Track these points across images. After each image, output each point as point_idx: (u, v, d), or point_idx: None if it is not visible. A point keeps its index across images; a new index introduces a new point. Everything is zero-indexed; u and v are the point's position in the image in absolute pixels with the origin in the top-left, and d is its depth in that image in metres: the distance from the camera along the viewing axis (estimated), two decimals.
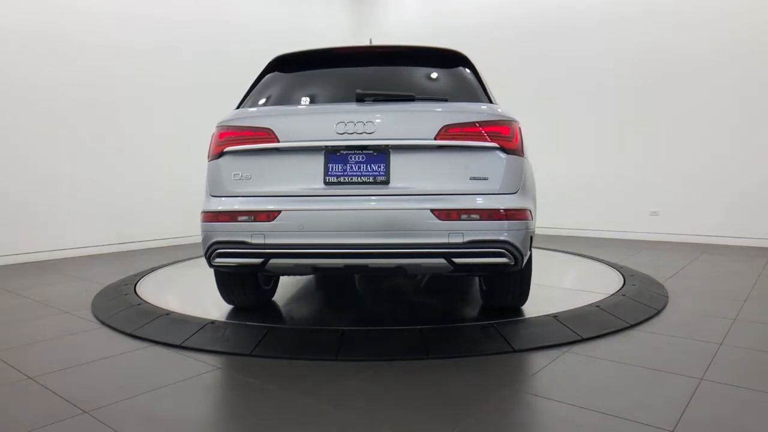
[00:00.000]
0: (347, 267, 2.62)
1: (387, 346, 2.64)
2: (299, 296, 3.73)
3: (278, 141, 2.60)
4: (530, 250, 2.70)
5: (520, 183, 2.58)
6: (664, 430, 1.78)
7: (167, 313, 3.16)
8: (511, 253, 2.48)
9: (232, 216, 2.60)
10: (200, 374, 2.34)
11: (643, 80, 6.83)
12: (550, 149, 7.54)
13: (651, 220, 6.82)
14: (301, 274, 3.09)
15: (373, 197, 2.53)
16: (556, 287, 3.95)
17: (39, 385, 2.24)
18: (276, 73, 3.06)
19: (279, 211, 2.54)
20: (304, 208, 2.54)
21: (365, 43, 3.23)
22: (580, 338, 2.72)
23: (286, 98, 2.93)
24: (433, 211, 2.45)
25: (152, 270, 4.59)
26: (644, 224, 6.87)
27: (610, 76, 7.07)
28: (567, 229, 7.40)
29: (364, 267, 2.60)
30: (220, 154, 2.71)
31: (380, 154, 2.56)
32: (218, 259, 2.64)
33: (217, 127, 2.78)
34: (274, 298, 3.61)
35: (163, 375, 2.39)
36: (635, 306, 3.28)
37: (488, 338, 2.68)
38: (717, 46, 6.30)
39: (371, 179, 2.54)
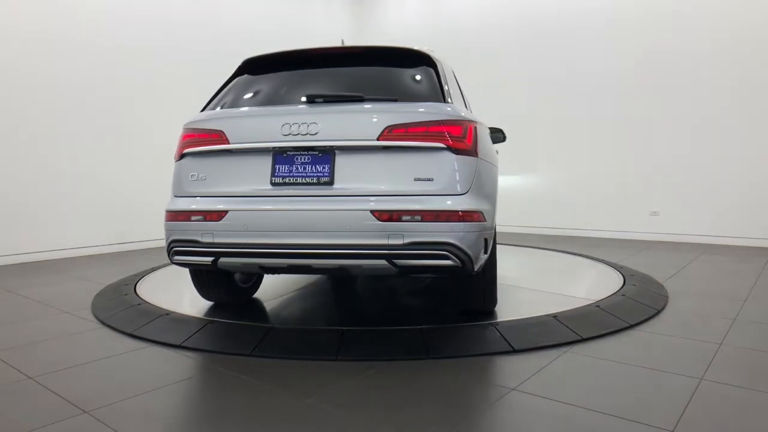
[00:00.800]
0: (291, 267, 2.66)
1: (387, 346, 2.64)
2: (299, 296, 3.73)
3: (229, 143, 2.67)
4: (486, 252, 2.60)
5: (470, 184, 2.51)
6: (664, 430, 1.78)
7: (167, 313, 3.16)
8: (456, 256, 2.42)
9: (186, 215, 2.69)
10: (200, 374, 2.34)
11: (643, 80, 6.83)
12: (550, 149, 7.55)
13: (651, 220, 6.82)
14: (253, 272, 3.12)
15: (317, 198, 2.53)
16: (556, 287, 3.94)
17: (39, 385, 2.24)
18: (245, 75, 3.11)
19: (226, 211, 2.60)
20: (250, 208, 2.59)
21: (356, 43, 3.24)
22: (580, 338, 2.72)
23: (248, 100, 2.95)
24: (373, 212, 2.44)
25: (152, 270, 4.59)
26: (644, 224, 6.87)
27: (609, 77, 7.07)
28: (567, 229, 7.40)
29: (308, 267, 2.64)
30: (182, 156, 2.83)
31: (325, 155, 2.56)
32: (176, 257, 2.73)
33: (182, 128, 2.86)
34: (274, 298, 3.61)
35: (163, 375, 2.39)
36: (635, 306, 3.28)
37: (488, 338, 2.68)
38: (717, 46, 6.30)
39: (315, 180, 2.55)
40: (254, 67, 3.11)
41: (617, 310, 3.15)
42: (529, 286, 3.93)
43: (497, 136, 4.46)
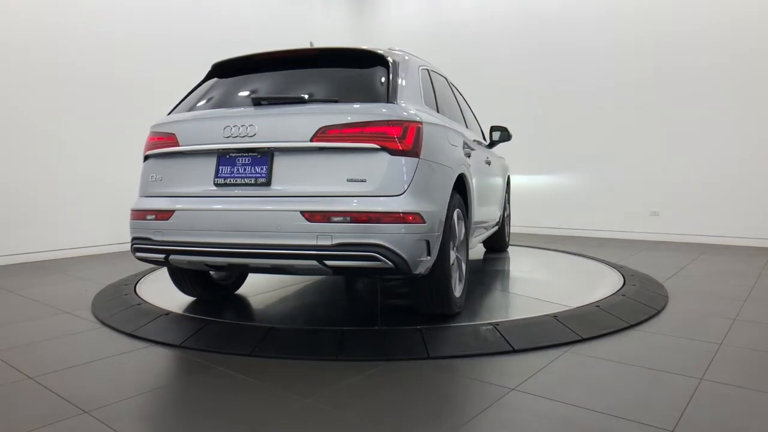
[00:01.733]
0: (231, 266, 2.75)
1: (387, 346, 2.64)
2: (299, 296, 3.73)
3: (179, 145, 2.80)
4: (430, 254, 2.56)
5: (406, 185, 2.47)
6: (664, 430, 1.78)
7: (167, 313, 3.16)
8: (387, 258, 2.39)
9: (143, 214, 2.85)
10: (200, 374, 2.35)
11: (643, 80, 6.83)
12: (550, 149, 7.55)
13: (651, 220, 6.82)
14: (203, 269, 3.15)
15: (255, 198, 2.59)
16: (556, 287, 3.95)
17: (39, 385, 2.24)
18: (214, 78, 3.20)
19: (174, 211, 2.72)
20: (195, 208, 2.69)
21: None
22: (580, 338, 2.72)
23: (205, 103, 3.02)
24: (303, 212, 2.46)
25: (152, 270, 4.58)
26: (644, 224, 6.87)
27: (610, 76, 7.07)
28: (567, 229, 7.40)
29: (246, 266, 2.72)
30: (146, 158, 2.99)
31: (264, 156, 2.61)
32: (136, 253, 2.90)
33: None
34: (273, 298, 3.61)
35: (163, 375, 2.39)
36: (635, 306, 3.28)
37: (488, 338, 2.68)
38: (717, 46, 6.30)
39: (253, 181, 2.60)
40: (222, 70, 3.20)
41: (617, 310, 3.15)
42: (528, 286, 3.93)
43: (502, 134, 4.52)
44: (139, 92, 6.33)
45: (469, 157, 3.35)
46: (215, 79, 3.19)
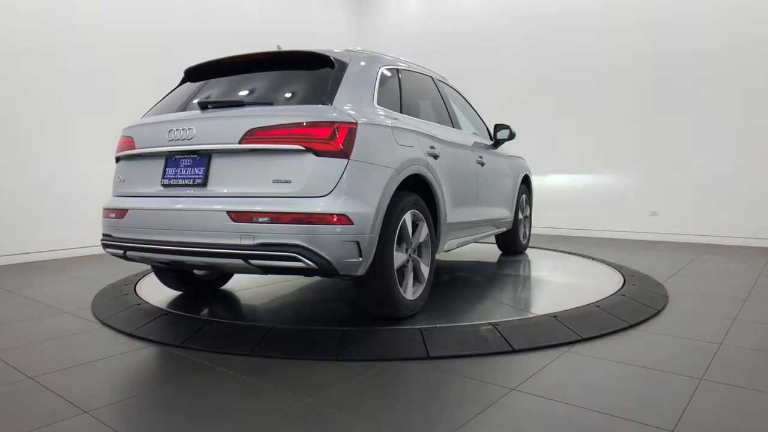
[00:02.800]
0: (171, 262, 2.89)
1: (387, 346, 2.63)
2: (299, 296, 3.73)
3: (135, 148, 2.99)
4: (362, 256, 2.55)
5: (332, 186, 2.49)
6: (664, 430, 1.78)
7: (167, 313, 3.16)
8: (309, 258, 2.42)
9: (108, 213, 3.05)
10: (200, 374, 2.35)
11: (643, 80, 6.83)
12: (550, 149, 7.55)
13: (651, 220, 6.82)
14: (157, 264, 3.24)
15: (192, 198, 2.70)
16: (556, 287, 3.95)
17: (39, 385, 2.24)
18: (187, 83, 3.33)
19: (127, 210, 2.91)
20: (143, 207, 2.86)
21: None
22: (580, 338, 2.72)
23: (165, 107, 3.15)
24: (229, 213, 2.53)
25: (152, 270, 4.58)
26: (644, 224, 6.87)
27: (609, 76, 7.08)
28: (567, 229, 7.40)
29: (183, 263, 2.83)
30: (117, 159, 3.17)
31: (202, 158, 2.72)
32: (105, 248, 3.07)
33: None
34: (276, 298, 3.61)
35: (163, 375, 2.39)
36: (635, 306, 3.28)
37: (488, 338, 2.68)
38: (718, 46, 6.30)
39: (192, 182, 2.72)
40: (192, 75, 3.33)
41: (617, 310, 3.15)
42: (528, 287, 3.93)
43: (504, 132, 4.46)
44: (139, 93, 6.33)
45: (435, 158, 3.23)
46: (187, 84, 3.33)
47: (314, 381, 2.28)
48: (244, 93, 2.96)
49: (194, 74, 3.33)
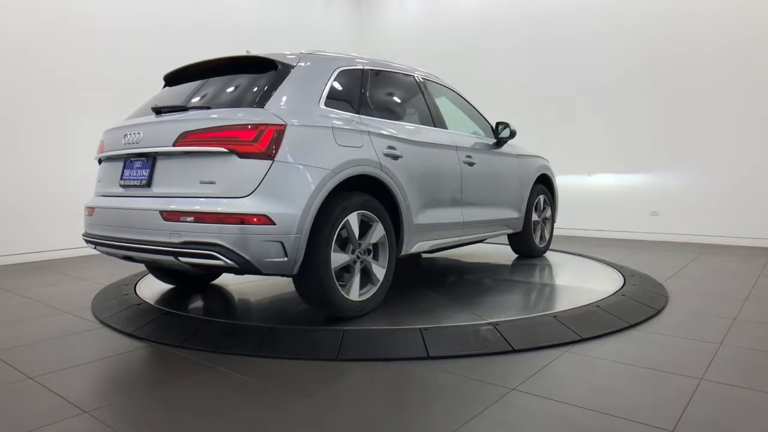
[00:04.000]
0: (125, 257, 3.05)
1: (387, 346, 2.63)
2: (299, 296, 3.72)
3: (103, 151, 3.24)
4: (287, 256, 2.59)
5: (254, 187, 2.56)
6: (664, 430, 1.78)
7: (167, 313, 3.16)
8: (227, 257, 2.50)
9: (85, 210, 3.27)
10: (200, 374, 2.35)
11: (643, 79, 6.83)
12: (550, 149, 7.54)
13: (651, 220, 6.82)
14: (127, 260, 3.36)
15: (138, 198, 2.88)
16: (556, 287, 3.94)
17: (39, 385, 2.24)
18: (167, 87, 3.48)
19: (94, 208, 3.14)
20: (104, 205, 3.08)
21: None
22: (580, 338, 2.72)
23: (143, 112, 3.25)
24: (161, 212, 2.67)
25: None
26: (644, 224, 6.87)
27: (609, 76, 7.08)
28: (567, 229, 7.40)
29: (132, 258, 3.00)
30: (99, 161, 3.40)
31: (148, 161, 2.89)
32: (86, 243, 3.26)
33: None
34: (276, 298, 3.61)
35: (162, 375, 2.39)
36: (635, 306, 3.28)
37: (488, 338, 2.68)
38: (718, 45, 6.30)
39: (139, 183, 2.90)
40: (169, 80, 3.49)
41: (617, 310, 3.15)
42: (529, 286, 3.93)
43: (504, 131, 4.39)
44: (139, 93, 6.32)
45: (396, 158, 3.20)
46: (166, 88, 3.47)
47: (314, 381, 2.28)
48: (197, 98, 3.06)
49: (171, 80, 3.46)
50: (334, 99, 3.08)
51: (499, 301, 3.43)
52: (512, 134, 4.42)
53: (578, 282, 4.17)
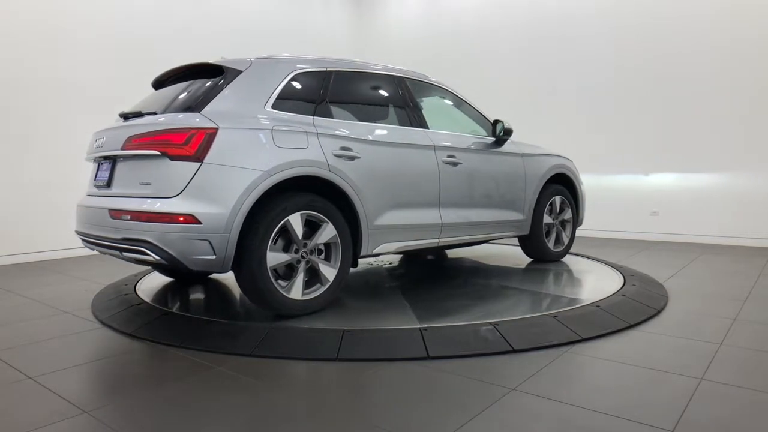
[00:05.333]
0: (98, 251, 3.22)
1: (387, 346, 2.63)
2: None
3: (87, 154, 3.44)
4: (215, 254, 2.69)
5: (181, 188, 2.69)
6: (664, 430, 1.78)
7: (167, 313, 3.16)
8: (156, 253, 2.67)
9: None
10: (200, 374, 2.35)
11: (642, 79, 6.83)
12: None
13: (651, 220, 6.82)
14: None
15: (101, 197, 3.12)
16: (556, 287, 3.94)
17: (39, 385, 2.24)
18: (153, 92, 3.62)
19: (78, 206, 3.32)
20: (81, 204, 3.29)
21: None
22: (580, 338, 2.72)
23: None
24: (109, 210, 2.89)
25: (152, 270, 4.58)
26: (644, 224, 6.87)
27: (610, 76, 7.07)
28: None
29: (101, 252, 3.16)
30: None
31: (111, 163, 3.12)
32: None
33: None
34: None
35: (162, 375, 2.39)
36: (635, 306, 3.28)
37: (489, 338, 2.68)
38: (719, 46, 6.30)
39: (103, 183, 3.15)
40: (154, 85, 3.68)
41: (617, 310, 3.15)
42: (528, 286, 3.93)
43: (499, 128, 4.24)
44: (139, 93, 6.33)
45: (351, 159, 3.20)
46: (152, 93, 3.62)
47: (314, 381, 2.28)
48: (159, 103, 3.21)
49: (156, 85, 3.66)
50: (286, 101, 3.14)
51: (500, 301, 3.43)
52: (507, 132, 4.23)
53: (578, 282, 4.17)
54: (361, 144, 3.31)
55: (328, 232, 3.11)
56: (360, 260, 3.47)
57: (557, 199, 4.80)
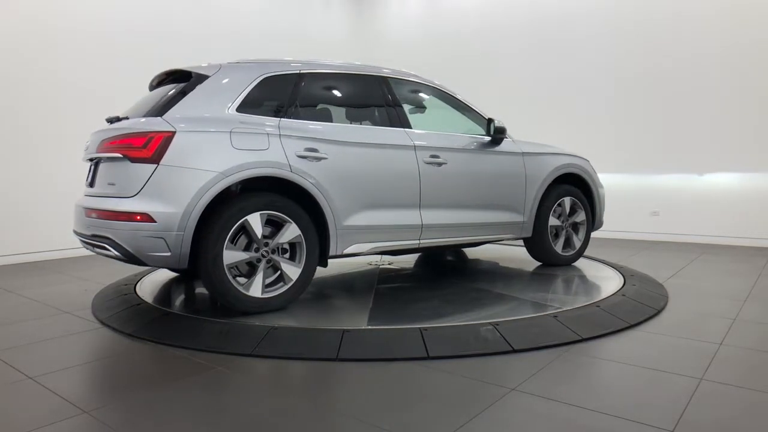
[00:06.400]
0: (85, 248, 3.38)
1: (387, 346, 2.63)
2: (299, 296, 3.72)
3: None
4: (170, 251, 2.83)
5: (139, 188, 2.86)
6: (664, 430, 1.79)
7: (167, 313, 3.16)
8: (115, 248, 2.89)
9: None
10: (200, 374, 2.35)
11: (643, 79, 6.83)
12: None
13: (651, 220, 6.82)
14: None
15: (84, 197, 3.31)
16: (555, 287, 3.94)
17: (39, 385, 2.24)
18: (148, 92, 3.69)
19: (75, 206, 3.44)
20: (76, 203, 3.38)
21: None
22: (580, 338, 2.72)
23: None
24: (84, 209, 3.12)
25: (152, 270, 4.58)
26: (644, 224, 6.87)
27: (610, 76, 7.07)
28: None
29: (86, 248, 3.32)
30: None
31: (95, 165, 3.26)
32: None
33: None
34: None
35: (162, 375, 2.39)
36: (635, 306, 3.28)
37: (488, 338, 2.68)
38: (718, 47, 6.30)
39: (89, 183, 3.32)
40: (150, 88, 3.74)
41: (617, 310, 3.15)
42: (529, 286, 3.93)
43: (491, 127, 4.06)
44: (139, 94, 6.33)
45: (318, 159, 3.22)
46: (146, 95, 3.67)
47: (314, 381, 2.28)
48: (137, 108, 3.36)
49: (149, 89, 3.74)
50: (252, 104, 3.23)
51: (499, 301, 3.43)
52: (498, 130, 4.08)
53: (578, 282, 4.17)
54: (329, 145, 3.31)
55: (291, 232, 3.15)
56: (359, 261, 3.47)
57: (566, 200, 4.57)
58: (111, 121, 3.29)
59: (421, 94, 4.24)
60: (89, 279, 4.49)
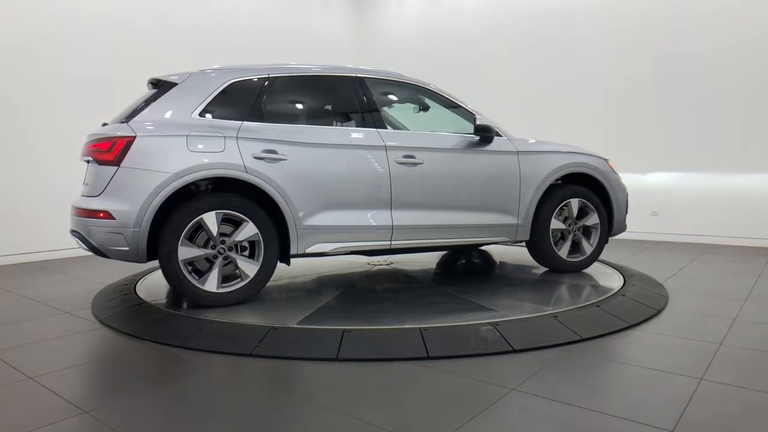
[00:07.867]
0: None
1: (387, 346, 2.64)
2: (299, 296, 3.73)
3: None
4: (128, 246, 3.07)
5: (102, 188, 3.13)
6: (664, 430, 1.79)
7: (167, 313, 3.16)
8: (84, 243, 3.20)
9: None
10: (200, 374, 2.35)
11: (642, 79, 6.83)
12: None
13: (651, 220, 6.82)
14: None
15: (81, 196, 3.43)
16: (556, 287, 3.94)
17: (39, 385, 2.25)
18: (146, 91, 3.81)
19: None
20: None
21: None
22: (580, 338, 2.72)
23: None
24: (73, 207, 3.35)
25: (152, 270, 4.58)
26: (644, 224, 6.87)
27: (609, 76, 7.07)
28: None
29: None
30: None
31: (88, 164, 3.42)
32: None
33: None
34: (276, 298, 3.61)
35: (163, 375, 2.39)
36: (635, 306, 3.28)
37: (488, 338, 2.68)
38: (719, 47, 6.30)
39: (83, 183, 3.45)
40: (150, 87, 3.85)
41: (617, 310, 3.15)
42: (529, 287, 3.93)
43: (482, 134, 3.87)
44: (140, 95, 6.33)
45: (275, 161, 3.29)
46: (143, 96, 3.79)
47: (314, 381, 2.28)
48: (120, 115, 3.51)
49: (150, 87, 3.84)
50: (216, 109, 3.39)
51: (500, 301, 3.43)
52: (479, 128, 3.87)
53: (578, 282, 4.16)
54: (288, 146, 3.36)
55: (248, 230, 3.28)
56: (360, 260, 3.48)
57: (574, 201, 4.20)
58: (105, 124, 3.50)
59: (404, 94, 4.15)
60: (89, 279, 4.49)
